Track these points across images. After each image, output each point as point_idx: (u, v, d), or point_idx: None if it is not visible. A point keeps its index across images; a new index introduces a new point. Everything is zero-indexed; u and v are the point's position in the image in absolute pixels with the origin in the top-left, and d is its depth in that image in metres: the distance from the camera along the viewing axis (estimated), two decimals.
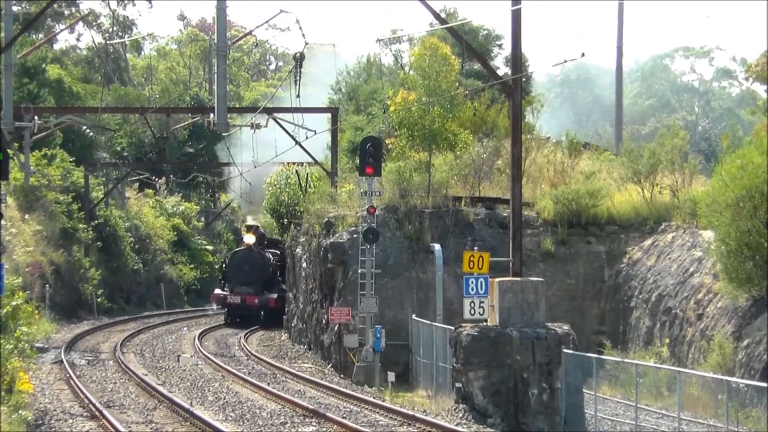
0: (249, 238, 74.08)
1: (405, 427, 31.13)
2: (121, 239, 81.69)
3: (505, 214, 45.74)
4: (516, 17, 33.65)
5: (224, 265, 76.27)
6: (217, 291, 74.28)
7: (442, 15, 55.08)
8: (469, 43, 41.42)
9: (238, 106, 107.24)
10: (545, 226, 47.45)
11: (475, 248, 36.08)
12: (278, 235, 74.86)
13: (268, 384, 40.10)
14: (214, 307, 77.56)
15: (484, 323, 33.62)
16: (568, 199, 47.25)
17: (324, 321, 49.55)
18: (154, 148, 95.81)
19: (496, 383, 32.66)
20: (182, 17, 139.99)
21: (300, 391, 39.08)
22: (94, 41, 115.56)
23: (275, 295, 71.35)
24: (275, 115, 56.65)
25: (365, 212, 44.80)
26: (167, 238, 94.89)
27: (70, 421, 30.58)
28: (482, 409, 32.64)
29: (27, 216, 65.93)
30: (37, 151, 67.86)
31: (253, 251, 72.75)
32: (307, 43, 40.05)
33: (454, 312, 40.30)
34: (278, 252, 74.45)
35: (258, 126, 53.53)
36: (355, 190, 49.93)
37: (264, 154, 59.24)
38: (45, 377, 40.40)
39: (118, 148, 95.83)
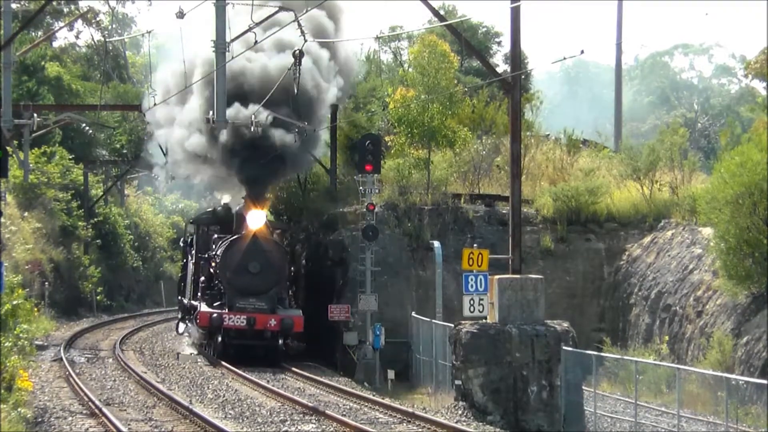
0: (256, 217, 45.58)
1: (405, 424, 31.11)
2: (120, 237, 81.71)
3: (504, 212, 45.75)
4: (515, 14, 33.65)
5: (212, 263, 47.30)
6: (204, 308, 45.56)
7: (441, 12, 54.97)
8: (468, 41, 41.39)
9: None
10: (545, 223, 47.44)
11: (475, 245, 36.10)
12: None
13: (268, 381, 40.05)
14: (185, 333, 52.98)
15: (484, 320, 33.63)
16: (567, 197, 47.26)
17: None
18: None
19: (496, 381, 32.66)
20: (181, 14, 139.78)
21: (299, 388, 39.04)
22: (93, 39, 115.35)
23: (300, 313, 46.23)
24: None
25: (364, 209, 44.77)
26: (167, 236, 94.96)
27: (70, 418, 30.53)
28: (482, 406, 32.64)
29: (26, 214, 65.87)
30: (36, 148, 67.69)
31: (259, 240, 45.37)
32: (306, 41, 39.86)
33: (454, 309, 40.28)
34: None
35: (257, 123, 53.33)
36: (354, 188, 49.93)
37: None
38: (44, 375, 40.32)
39: (118, 146, 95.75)
